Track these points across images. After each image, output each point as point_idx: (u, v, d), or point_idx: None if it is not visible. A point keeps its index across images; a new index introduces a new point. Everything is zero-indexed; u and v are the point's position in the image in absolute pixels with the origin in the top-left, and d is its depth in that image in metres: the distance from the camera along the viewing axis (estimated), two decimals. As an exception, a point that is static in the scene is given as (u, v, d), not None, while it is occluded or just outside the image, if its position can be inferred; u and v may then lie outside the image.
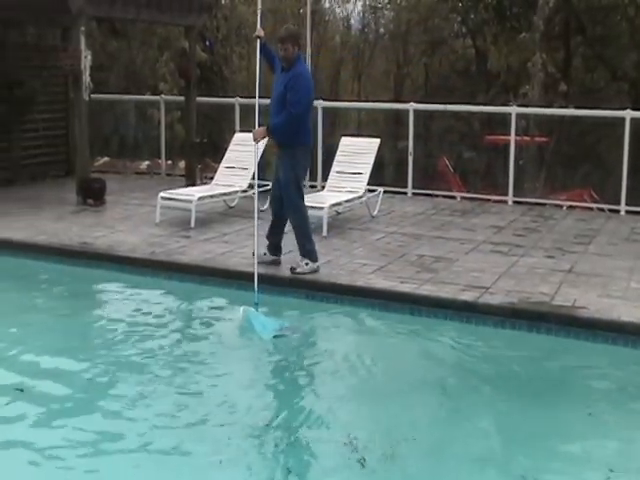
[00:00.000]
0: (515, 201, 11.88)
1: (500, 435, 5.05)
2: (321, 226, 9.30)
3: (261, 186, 10.34)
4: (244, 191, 10.55)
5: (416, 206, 11.52)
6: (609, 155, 14.56)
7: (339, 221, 10.18)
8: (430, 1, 23.71)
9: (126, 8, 11.71)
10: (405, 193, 12.48)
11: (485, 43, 20.79)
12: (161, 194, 9.94)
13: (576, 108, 13.66)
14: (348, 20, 27.48)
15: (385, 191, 11.32)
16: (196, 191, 10.40)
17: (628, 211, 11.11)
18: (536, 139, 14.98)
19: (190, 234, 9.32)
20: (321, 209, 9.41)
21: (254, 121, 7.84)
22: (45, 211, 10.60)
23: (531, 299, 6.92)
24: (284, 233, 8.13)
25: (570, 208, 11.74)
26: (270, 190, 8.15)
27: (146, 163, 15.46)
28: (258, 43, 7.76)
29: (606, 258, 8.47)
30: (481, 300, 6.91)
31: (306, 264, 7.67)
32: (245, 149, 10.50)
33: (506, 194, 11.95)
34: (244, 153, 10.66)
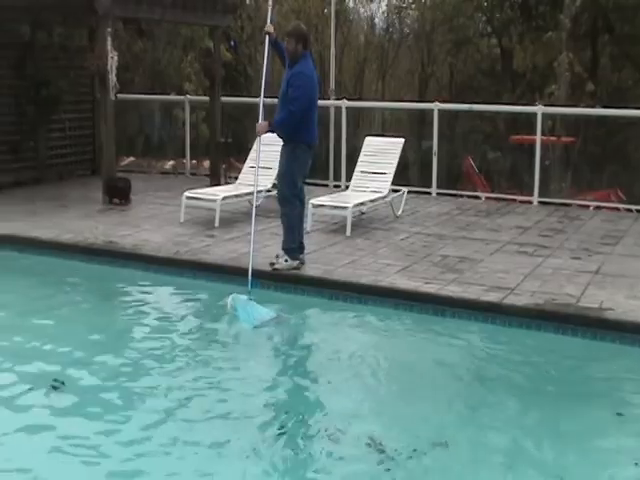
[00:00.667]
0: (541, 201, 11.81)
1: (527, 436, 5.01)
2: (345, 226, 9.30)
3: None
4: (268, 191, 10.56)
5: (440, 206, 11.48)
6: (636, 155, 14.46)
7: (363, 221, 10.17)
8: (455, 0, 23.62)
9: (152, 9, 11.78)
10: (429, 193, 12.44)
11: (511, 42, 20.69)
12: (186, 194, 9.98)
13: (603, 108, 13.56)
14: (372, 20, 27.43)
15: (409, 191, 11.29)
16: (220, 191, 10.43)
17: (656, 212, 11.02)
18: (562, 139, 14.87)
19: (214, 233, 9.34)
20: (345, 209, 9.41)
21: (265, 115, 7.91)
22: (71, 210, 10.67)
23: (557, 300, 6.87)
24: (305, 232, 8.15)
25: (597, 209, 11.65)
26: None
27: (171, 163, 15.54)
28: (267, 39, 7.79)
29: (633, 259, 8.39)
30: (506, 301, 6.87)
31: (285, 260, 7.73)
32: (269, 149, 10.48)
33: (531, 194, 11.88)
34: (268, 153, 10.66)
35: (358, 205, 9.86)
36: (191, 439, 4.81)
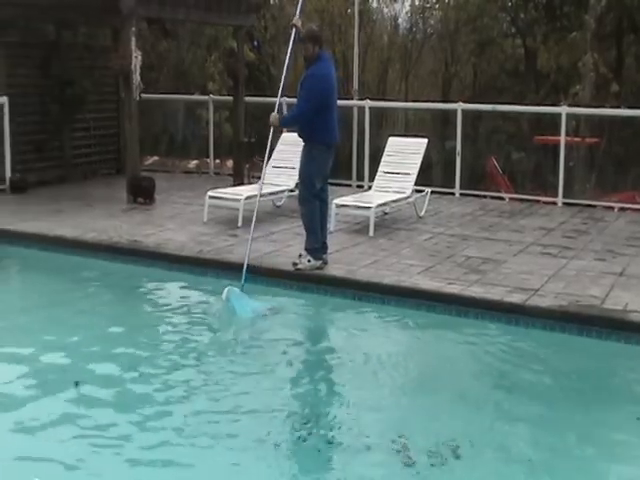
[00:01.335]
0: (565, 202, 11.74)
1: (549, 438, 4.98)
2: (368, 226, 9.29)
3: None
4: (291, 190, 10.58)
5: (464, 207, 11.45)
6: (662, 156, 14.30)
7: (386, 221, 10.16)
8: (479, 0, 23.51)
9: (176, 9, 11.84)
10: (453, 194, 12.41)
11: (535, 42, 20.55)
12: (209, 193, 10.01)
13: (628, 108, 13.45)
14: (396, 20, 27.36)
15: (432, 191, 11.26)
16: (244, 190, 10.45)
17: (681, 213, 10.92)
18: (587, 140, 14.77)
19: (237, 233, 9.37)
20: (368, 209, 9.41)
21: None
22: (96, 209, 10.74)
23: (581, 302, 6.83)
24: (327, 230, 8.15)
25: (621, 210, 11.57)
26: None
27: (194, 162, 15.61)
28: (293, 32, 7.84)
29: (658, 261, 8.32)
30: (529, 302, 6.84)
31: (308, 261, 7.75)
32: (293, 149, 10.53)
33: (555, 195, 11.82)
34: (291, 153, 10.69)
35: (381, 205, 9.85)
36: (219, 432, 4.86)
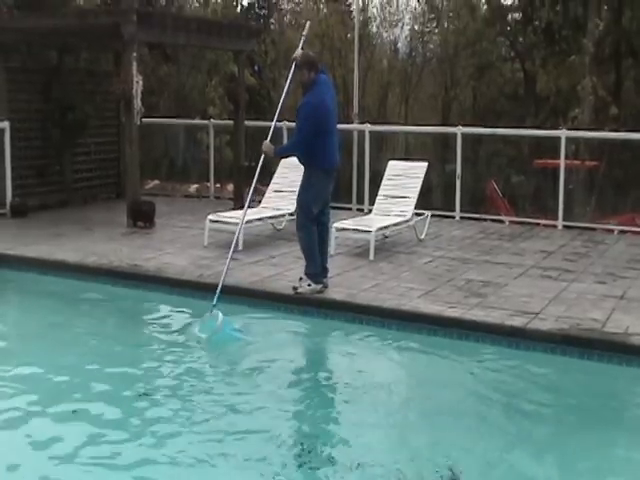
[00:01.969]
0: (565, 225, 11.75)
1: (550, 464, 4.96)
2: (368, 249, 9.29)
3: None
4: (291, 214, 10.58)
5: (464, 230, 11.46)
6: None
7: (387, 245, 10.16)
8: (478, 25, 23.68)
9: (177, 33, 11.91)
10: (453, 217, 12.42)
11: (534, 66, 20.66)
12: (209, 217, 10.03)
13: (627, 131, 13.49)
14: (395, 44, 27.52)
15: (433, 215, 11.27)
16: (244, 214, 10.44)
17: (681, 236, 10.92)
18: (586, 163, 14.81)
19: (238, 257, 9.35)
20: (368, 232, 9.41)
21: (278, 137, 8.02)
22: (96, 233, 10.75)
23: (582, 325, 6.81)
24: (327, 254, 8.14)
25: (621, 233, 11.57)
26: None
27: (195, 186, 15.65)
28: (293, 65, 7.86)
29: (659, 284, 8.31)
30: (530, 326, 6.82)
31: (308, 285, 7.73)
32: (293, 173, 10.56)
33: (555, 218, 11.83)
34: (292, 177, 10.72)
35: (381, 229, 9.86)
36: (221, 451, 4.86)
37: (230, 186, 14.34)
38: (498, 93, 24.59)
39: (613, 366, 6.35)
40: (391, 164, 11.16)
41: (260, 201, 11.46)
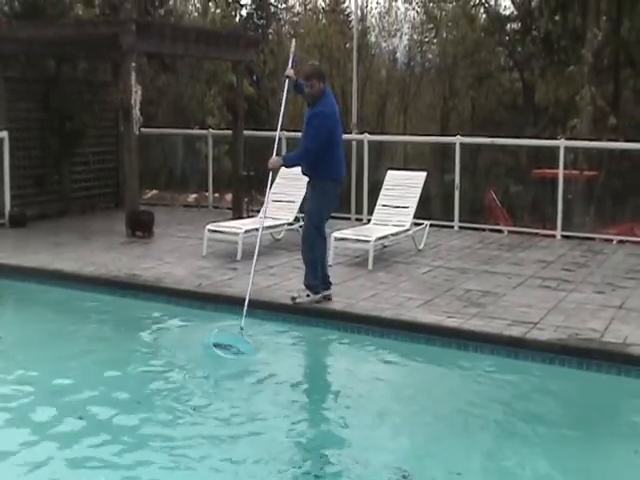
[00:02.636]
0: (564, 235, 11.74)
1: (547, 474, 4.94)
2: (367, 259, 9.28)
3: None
4: (290, 224, 10.59)
5: (463, 240, 11.45)
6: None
7: (385, 254, 10.15)
8: (476, 35, 23.78)
9: (175, 43, 11.92)
10: (452, 227, 12.42)
11: (533, 76, 20.74)
12: (208, 227, 10.02)
13: (626, 141, 13.52)
14: (394, 54, 27.62)
15: (431, 224, 11.26)
16: (243, 224, 10.45)
17: (680, 246, 10.91)
18: (585, 173, 14.83)
19: (237, 266, 9.35)
20: (367, 242, 9.40)
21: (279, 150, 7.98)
22: (95, 243, 10.74)
23: (580, 335, 6.80)
24: (328, 265, 8.12)
25: (620, 242, 11.56)
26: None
27: (193, 196, 15.65)
28: (287, 83, 7.92)
29: (658, 294, 8.30)
30: (529, 336, 6.80)
31: (307, 295, 7.71)
32: (292, 182, 10.56)
33: (554, 228, 11.82)
34: (290, 187, 10.72)
35: (380, 239, 9.85)
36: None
37: (229, 196, 14.35)
38: (497, 103, 24.69)
39: (612, 376, 6.33)
40: (390, 174, 11.15)
41: (259, 211, 11.46)
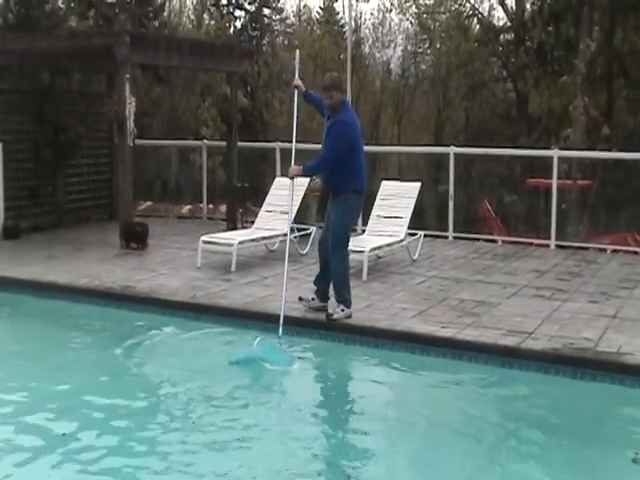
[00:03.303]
0: (558, 245, 11.75)
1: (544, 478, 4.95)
2: (361, 270, 9.28)
3: (300, 230, 10.38)
4: (285, 235, 10.58)
5: (457, 250, 11.46)
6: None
7: (380, 265, 10.15)
8: (470, 46, 23.86)
9: (170, 55, 11.93)
10: (446, 237, 12.42)
11: (526, 87, 20.80)
12: (202, 238, 10.00)
13: (619, 151, 13.56)
14: (388, 65, 27.70)
15: (426, 235, 11.27)
16: (237, 235, 10.46)
17: (674, 255, 10.93)
18: (579, 182, 14.87)
19: (231, 278, 9.35)
20: (362, 253, 9.39)
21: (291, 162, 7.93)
22: (88, 254, 10.72)
23: (575, 345, 6.80)
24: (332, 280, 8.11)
25: (614, 252, 11.58)
26: (311, 234, 8.16)
27: (188, 207, 15.65)
28: (296, 93, 7.92)
29: (652, 303, 8.31)
30: (523, 345, 6.81)
31: (342, 310, 7.64)
32: (286, 193, 10.55)
33: (548, 238, 11.83)
34: (285, 197, 10.71)
35: (374, 249, 9.84)
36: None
37: (223, 207, 14.34)
38: (490, 113, 24.77)
39: (606, 385, 6.33)
40: (384, 184, 11.16)
41: (253, 222, 11.47)
